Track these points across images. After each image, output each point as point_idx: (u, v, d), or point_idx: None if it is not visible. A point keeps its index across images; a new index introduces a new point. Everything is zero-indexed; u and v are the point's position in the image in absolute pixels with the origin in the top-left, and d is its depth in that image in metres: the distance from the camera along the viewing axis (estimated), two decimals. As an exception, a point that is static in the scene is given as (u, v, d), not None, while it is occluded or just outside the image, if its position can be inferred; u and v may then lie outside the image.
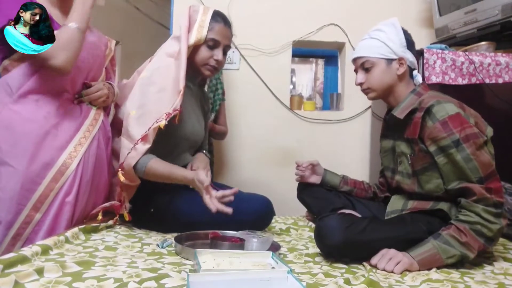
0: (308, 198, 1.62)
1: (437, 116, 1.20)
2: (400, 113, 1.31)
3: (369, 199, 1.61)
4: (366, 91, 1.39)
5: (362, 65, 1.37)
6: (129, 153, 1.36)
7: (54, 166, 1.28)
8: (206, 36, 1.46)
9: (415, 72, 1.36)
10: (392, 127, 1.41)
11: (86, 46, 1.38)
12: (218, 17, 1.52)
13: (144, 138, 1.35)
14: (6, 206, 1.23)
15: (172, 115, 1.37)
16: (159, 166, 1.38)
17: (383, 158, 1.48)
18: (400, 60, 1.32)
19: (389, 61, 1.32)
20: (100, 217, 1.41)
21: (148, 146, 1.36)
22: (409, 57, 1.33)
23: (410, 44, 1.35)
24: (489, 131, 1.24)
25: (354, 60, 1.40)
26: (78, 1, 1.30)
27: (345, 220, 1.14)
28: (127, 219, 1.44)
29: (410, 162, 1.30)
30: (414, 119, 1.27)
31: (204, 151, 1.68)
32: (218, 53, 1.50)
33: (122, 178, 1.38)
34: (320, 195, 1.59)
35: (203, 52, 1.49)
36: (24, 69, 1.28)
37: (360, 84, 1.39)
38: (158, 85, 1.42)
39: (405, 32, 1.35)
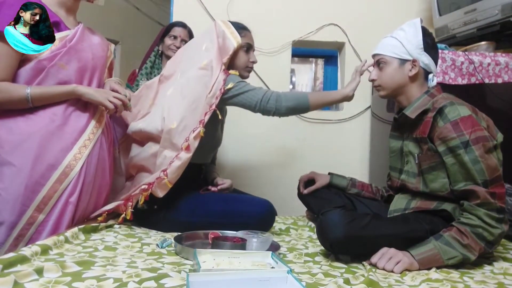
0: (309, 197, 1.62)
1: (449, 117, 1.20)
2: (411, 112, 1.31)
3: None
4: (377, 88, 1.40)
5: (378, 62, 1.37)
6: (172, 162, 1.43)
7: (58, 168, 1.28)
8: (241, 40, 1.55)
9: (430, 76, 1.34)
10: (401, 127, 1.41)
11: (91, 47, 1.40)
12: (241, 24, 1.63)
13: (187, 148, 1.43)
14: (10, 207, 1.23)
15: (205, 121, 1.45)
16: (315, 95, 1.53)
17: (391, 159, 1.47)
18: (414, 62, 1.31)
19: (403, 61, 1.32)
20: (101, 218, 1.42)
21: (190, 155, 1.43)
22: (425, 59, 1.31)
23: (429, 47, 1.32)
24: (499, 136, 1.24)
25: (373, 56, 1.41)
26: (55, 86, 1.30)
27: (347, 215, 1.14)
28: (128, 217, 1.43)
29: (417, 161, 1.29)
30: (425, 119, 1.27)
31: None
32: (253, 55, 1.64)
33: (169, 185, 1.43)
34: (321, 194, 1.59)
35: (242, 57, 1.60)
36: (29, 71, 1.28)
37: (373, 81, 1.40)
38: (190, 97, 1.48)
39: (426, 35, 1.33)
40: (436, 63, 1.37)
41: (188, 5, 2.30)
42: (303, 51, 2.67)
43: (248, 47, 1.61)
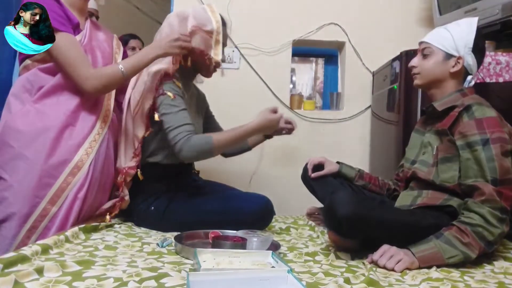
0: (314, 182, 1.61)
1: (475, 114, 1.21)
2: (440, 105, 1.31)
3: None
4: (415, 75, 1.39)
5: (423, 50, 1.36)
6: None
7: (72, 161, 1.32)
8: None
9: (469, 77, 1.34)
10: (427, 120, 1.42)
11: (98, 45, 1.45)
12: (222, 19, 1.53)
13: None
14: (22, 199, 1.25)
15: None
16: (224, 136, 1.46)
17: (408, 151, 1.48)
18: (458, 59, 1.30)
19: (448, 55, 1.31)
20: (108, 218, 1.44)
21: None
22: (469, 60, 1.31)
23: (477, 49, 1.31)
24: None
25: (420, 44, 1.40)
26: (136, 56, 1.39)
27: (357, 196, 1.15)
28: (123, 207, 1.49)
29: (435, 152, 1.30)
30: (450, 114, 1.28)
31: None
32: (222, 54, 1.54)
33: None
34: (327, 182, 1.58)
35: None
36: (46, 68, 1.33)
37: (412, 67, 1.39)
38: None
39: (478, 37, 1.32)
40: (479, 67, 1.36)
41: (188, 4, 2.30)
42: (303, 51, 2.67)
43: None
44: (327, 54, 2.72)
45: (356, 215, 1.11)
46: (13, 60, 1.84)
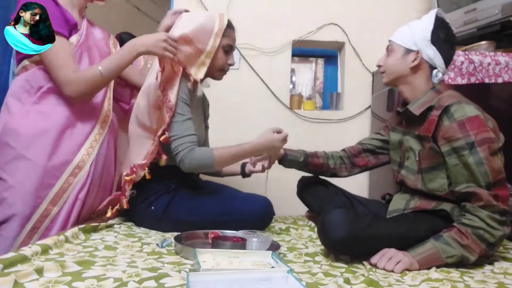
0: (308, 196, 1.61)
1: (455, 116, 1.17)
2: (416, 109, 1.28)
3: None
4: (382, 74, 1.40)
5: (387, 48, 1.37)
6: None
7: (73, 161, 1.33)
8: (221, 43, 1.48)
9: (434, 71, 1.31)
10: (403, 122, 1.40)
11: (96, 45, 1.44)
12: (231, 23, 1.56)
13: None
14: (23, 200, 1.26)
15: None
16: (225, 152, 1.42)
17: (391, 152, 1.47)
18: (417, 53, 1.29)
19: (408, 51, 1.30)
20: (109, 213, 1.44)
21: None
22: (430, 53, 1.28)
23: (439, 41, 1.27)
24: (501, 139, 1.22)
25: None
26: (118, 54, 1.34)
27: (349, 215, 1.13)
28: (125, 206, 1.45)
29: (417, 159, 1.28)
30: (429, 117, 1.24)
31: None
32: (231, 58, 1.56)
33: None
34: (320, 193, 1.58)
35: (222, 58, 1.52)
36: (45, 68, 1.33)
37: (379, 66, 1.40)
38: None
39: (440, 28, 1.28)
40: (447, 59, 1.31)
41: (188, 5, 2.30)
42: (303, 51, 2.67)
43: (229, 49, 1.54)
44: (327, 54, 2.72)
45: (350, 238, 1.10)
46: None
